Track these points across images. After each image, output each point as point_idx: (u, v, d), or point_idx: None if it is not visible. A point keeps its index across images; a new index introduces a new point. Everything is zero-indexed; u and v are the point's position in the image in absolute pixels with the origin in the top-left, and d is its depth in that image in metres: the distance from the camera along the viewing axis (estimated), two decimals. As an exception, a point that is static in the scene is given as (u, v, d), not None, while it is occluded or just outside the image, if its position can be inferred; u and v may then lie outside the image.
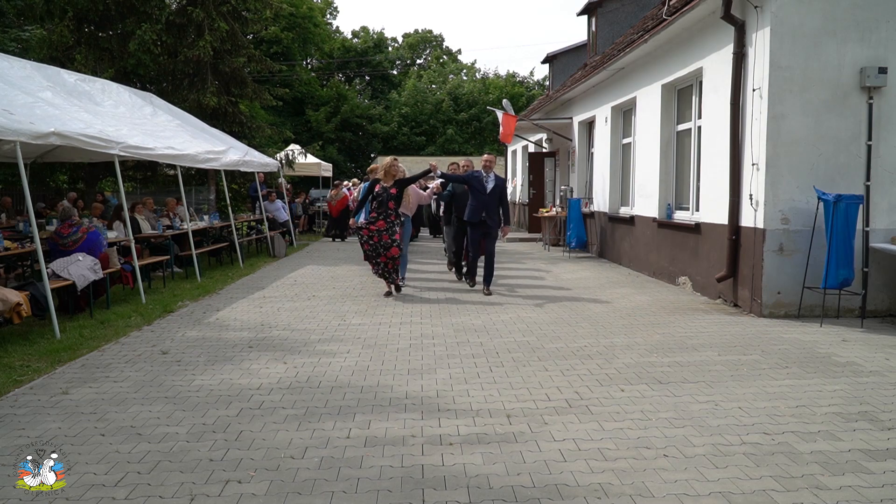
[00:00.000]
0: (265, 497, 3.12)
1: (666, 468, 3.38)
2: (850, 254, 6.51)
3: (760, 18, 6.97)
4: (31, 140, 6.34)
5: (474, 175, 8.74)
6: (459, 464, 3.45)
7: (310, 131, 36.15)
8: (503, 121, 13.27)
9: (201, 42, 14.46)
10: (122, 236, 9.34)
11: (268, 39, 34.28)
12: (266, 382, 4.89)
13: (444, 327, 6.72)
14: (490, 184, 8.65)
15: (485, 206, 8.58)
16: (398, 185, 8.35)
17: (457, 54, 49.47)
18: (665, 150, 9.76)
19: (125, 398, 4.55)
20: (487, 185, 8.63)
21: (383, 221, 8.21)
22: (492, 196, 8.62)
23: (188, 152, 10.05)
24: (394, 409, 4.31)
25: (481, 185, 8.61)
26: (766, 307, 7.01)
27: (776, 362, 5.30)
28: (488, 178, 8.68)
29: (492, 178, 8.72)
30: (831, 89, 6.88)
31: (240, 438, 3.82)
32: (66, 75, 9.58)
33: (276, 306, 7.98)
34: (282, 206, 16.17)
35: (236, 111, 16.11)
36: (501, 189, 8.74)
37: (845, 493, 3.10)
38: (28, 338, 6.30)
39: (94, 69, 13.78)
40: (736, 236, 7.44)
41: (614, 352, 5.69)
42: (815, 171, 6.91)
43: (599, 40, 15.24)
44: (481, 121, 38.43)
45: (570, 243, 13.01)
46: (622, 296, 8.50)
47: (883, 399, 4.41)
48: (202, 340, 6.26)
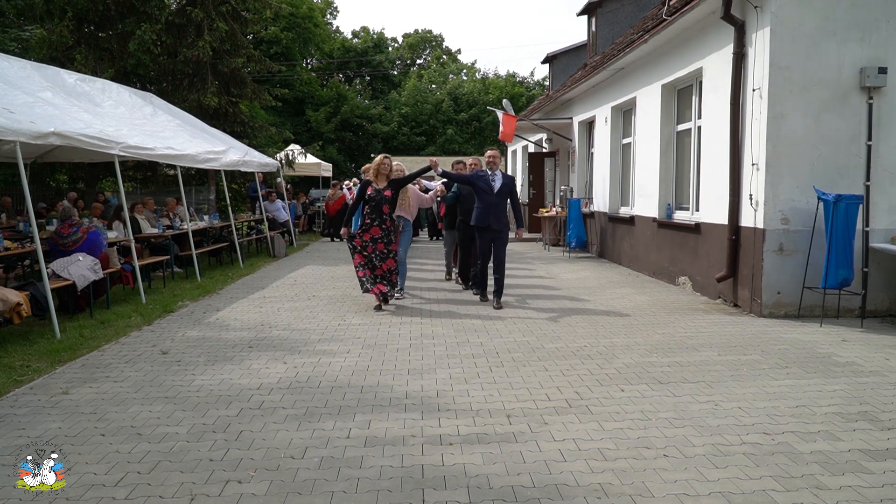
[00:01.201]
0: (265, 497, 3.12)
1: (666, 468, 3.38)
2: (849, 254, 6.51)
3: (760, 18, 6.97)
4: (31, 140, 6.34)
5: (479, 174, 7.91)
6: (459, 464, 3.45)
7: (310, 131, 36.14)
8: (503, 121, 13.26)
9: (201, 42, 14.46)
10: (122, 236, 9.34)
11: (268, 39, 34.28)
12: (266, 382, 4.89)
13: (444, 327, 6.72)
14: (497, 182, 7.78)
15: (492, 207, 7.71)
16: (393, 187, 7.50)
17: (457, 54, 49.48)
18: (665, 150, 9.76)
19: (125, 398, 4.55)
20: (494, 184, 7.77)
21: (378, 228, 7.36)
22: (500, 196, 7.77)
23: (188, 152, 10.06)
24: (394, 409, 4.31)
25: (487, 185, 7.76)
26: (766, 307, 7.01)
27: (776, 362, 5.30)
28: (494, 177, 7.82)
29: (498, 176, 7.86)
30: (831, 89, 6.88)
31: (240, 438, 3.82)
32: (65, 75, 9.58)
33: (276, 306, 7.98)
34: (282, 206, 16.18)
35: (237, 111, 16.12)
36: (510, 188, 7.89)
37: (845, 493, 3.10)
38: (28, 338, 6.30)
39: (93, 69, 13.78)
40: (736, 236, 7.44)
41: (614, 352, 5.69)
42: (815, 172, 6.91)
43: (599, 40, 15.24)
44: (481, 121, 38.44)
45: (570, 243, 13.01)
46: (622, 296, 8.49)
47: (883, 399, 4.41)
48: (202, 340, 6.26)
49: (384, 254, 7.42)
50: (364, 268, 7.47)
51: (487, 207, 7.72)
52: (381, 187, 7.40)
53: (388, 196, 7.40)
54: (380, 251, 7.39)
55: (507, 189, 7.83)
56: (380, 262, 7.43)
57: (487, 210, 7.72)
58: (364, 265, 7.45)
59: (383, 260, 7.43)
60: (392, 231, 7.52)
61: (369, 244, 7.39)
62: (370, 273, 7.49)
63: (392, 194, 7.44)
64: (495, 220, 7.72)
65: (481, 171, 8.00)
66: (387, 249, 7.42)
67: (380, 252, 7.39)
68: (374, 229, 7.38)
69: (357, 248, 7.43)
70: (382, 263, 7.45)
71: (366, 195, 7.47)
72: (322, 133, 36.19)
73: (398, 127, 38.86)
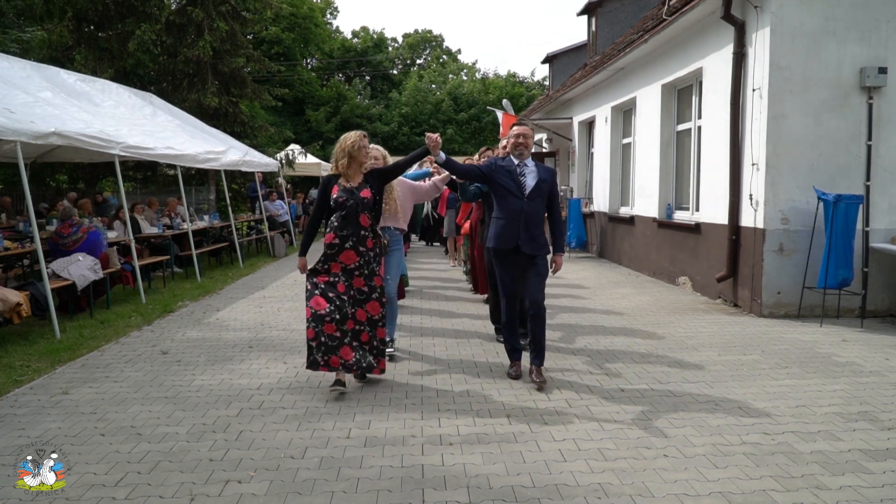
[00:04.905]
0: (265, 497, 3.12)
1: (666, 468, 3.38)
2: (849, 254, 6.51)
3: (760, 18, 6.97)
4: (31, 140, 6.34)
5: (500, 165, 4.85)
6: (459, 464, 3.45)
7: (310, 131, 36.13)
8: (503, 121, 13.29)
9: (201, 42, 14.47)
10: (122, 236, 9.35)
11: (269, 40, 34.30)
12: (266, 382, 4.89)
13: (443, 326, 6.72)
14: (529, 178, 4.79)
15: (522, 218, 4.73)
16: (374, 183, 4.65)
17: (457, 54, 49.49)
18: (665, 150, 9.76)
19: (125, 398, 4.55)
20: (524, 179, 4.78)
21: (353, 252, 4.53)
22: (534, 201, 4.78)
23: (188, 152, 10.06)
24: (394, 409, 4.31)
25: (513, 182, 4.77)
26: (766, 307, 7.01)
27: (776, 362, 5.30)
28: (524, 169, 4.81)
29: (531, 167, 4.84)
30: (831, 89, 6.88)
31: (240, 438, 3.82)
32: (65, 75, 9.58)
33: (276, 306, 7.98)
34: (282, 206, 16.19)
35: (237, 111, 16.13)
36: (550, 185, 4.89)
37: (845, 493, 3.10)
38: (28, 338, 6.30)
39: (93, 69, 13.78)
40: (736, 236, 7.44)
41: (614, 352, 5.69)
42: (815, 171, 6.91)
43: (599, 40, 15.24)
44: (481, 121, 38.42)
45: (570, 243, 13.01)
46: (622, 296, 8.49)
47: (883, 399, 4.41)
48: (202, 340, 6.26)
49: (363, 294, 4.60)
50: (323, 321, 4.47)
51: (514, 218, 4.76)
52: (354, 185, 4.59)
53: (367, 198, 4.57)
54: (356, 290, 4.59)
55: (545, 187, 4.84)
56: (354, 307, 4.58)
57: (514, 222, 4.75)
58: (325, 316, 4.47)
59: (361, 304, 4.60)
60: (377, 254, 4.68)
61: (340, 279, 4.56)
62: (334, 330, 4.50)
63: (373, 195, 4.62)
64: (527, 238, 4.75)
65: (503, 160, 4.92)
66: (368, 286, 4.60)
67: (356, 291, 4.59)
68: (346, 254, 4.54)
69: (319, 288, 4.55)
70: (359, 309, 4.60)
71: (330, 198, 4.59)
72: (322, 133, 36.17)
73: (398, 127, 38.85)
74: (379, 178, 4.72)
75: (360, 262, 4.57)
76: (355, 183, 4.60)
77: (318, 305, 4.50)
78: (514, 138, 4.84)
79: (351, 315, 4.58)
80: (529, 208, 4.74)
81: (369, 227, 4.59)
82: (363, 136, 4.62)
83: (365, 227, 4.56)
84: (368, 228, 4.58)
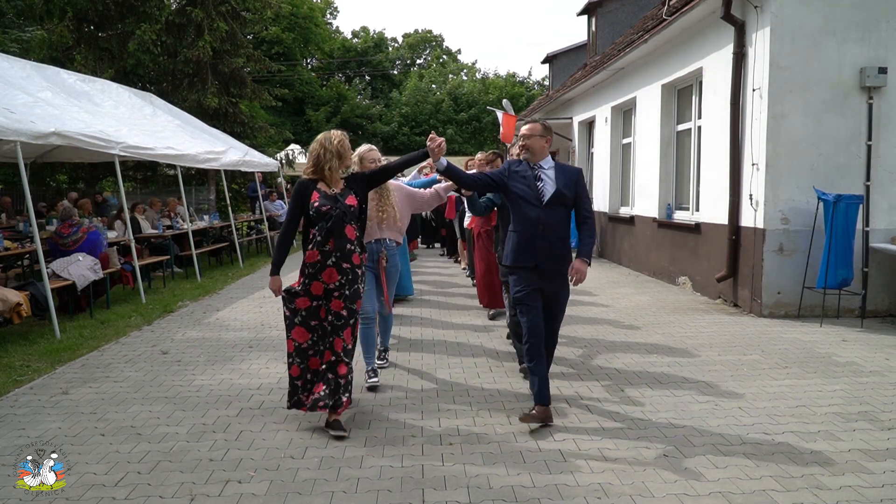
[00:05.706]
0: (265, 497, 3.12)
1: (666, 468, 3.38)
2: (849, 254, 6.51)
3: (760, 18, 6.96)
4: (31, 140, 6.34)
5: (515, 170, 4.16)
6: (459, 464, 3.45)
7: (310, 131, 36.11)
8: (503, 121, 13.26)
9: (201, 42, 14.48)
10: (122, 236, 9.35)
11: (269, 40, 34.31)
12: (266, 382, 4.89)
13: (444, 327, 6.72)
14: (548, 183, 4.10)
15: (539, 229, 4.06)
16: (357, 188, 4.03)
17: (457, 54, 49.50)
18: (665, 150, 9.76)
19: (125, 398, 4.55)
20: (542, 184, 4.10)
21: (335, 270, 3.87)
22: (553, 210, 4.09)
23: (188, 152, 10.06)
24: (394, 409, 4.31)
25: (529, 189, 4.09)
26: (766, 307, 7.00)
27: (776, 362, 5.30)
28: (543, 173, 4.14)
29: (550, 168, 4.17)
30: (831, 89, 6.88)
31: (240, 438, 3.82)
32: (65, 75, 9.59)
33: (276, 306, 7.97)
34: (282, 206, 16.19)
35: (237, 111, 16.15)
36: (575, 189, 4.17)
37: (845, 493, 3.10)
38: (28, 338, 6.30)
39: (93, 69, 13.80)
40: (736, 236, 7.44)
41: (614, 352, 5.69)
42: (815, 171, 6.91)
43: (599, 40, 15.24)
44: (481, 121, 38.42)
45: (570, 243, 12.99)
46: (622, 296, 8.49)
47: (883, 399, 4.41)
48: (202, 340, 6.26)
49: (341, 319, 3.90)
50: (307, 356, 3.96)
51: (530, 229, 4.07)
52: (337, 191, 3.95)
53: (353, 206, 3.95)
54: (334, 314, 3.90)
55: (569, 192, 4.13)
56: (332, 336, 3.92)
57: (531, 234, 4.07)
58: (308, 350, 3.96)
59: (339, 331, 3.90)
60: (362, 273, 4.03)
61: (321, 303, 3.92)
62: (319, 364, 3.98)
63: (358, 202, 3.99)
64: (546, 253, 4.08)
65: (518, 164, 4.21)
66: (347, 309, 3.91)
67: (334, 316, 3.90)
68: (328, 272, 3.88)
69: (299, 316, 3.93)
70: (336, 338, 3.91)
71: (310, 207, 3.90)
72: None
73: (398, 127, 38.86)
74: (363, 183, 4.07)
75: (342, 280, 3.86)
76: (338, 188, 3.95)
77: (300, 337, 3.92)
78: (520, 139, 4.22)
79: (324, 346, 3.93)
80: (548, 218, 4.04)
81: (356, 239, 3.94)
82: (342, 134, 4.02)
83: (352, 239, 3.90)
84: (355, 241, 3.93)
